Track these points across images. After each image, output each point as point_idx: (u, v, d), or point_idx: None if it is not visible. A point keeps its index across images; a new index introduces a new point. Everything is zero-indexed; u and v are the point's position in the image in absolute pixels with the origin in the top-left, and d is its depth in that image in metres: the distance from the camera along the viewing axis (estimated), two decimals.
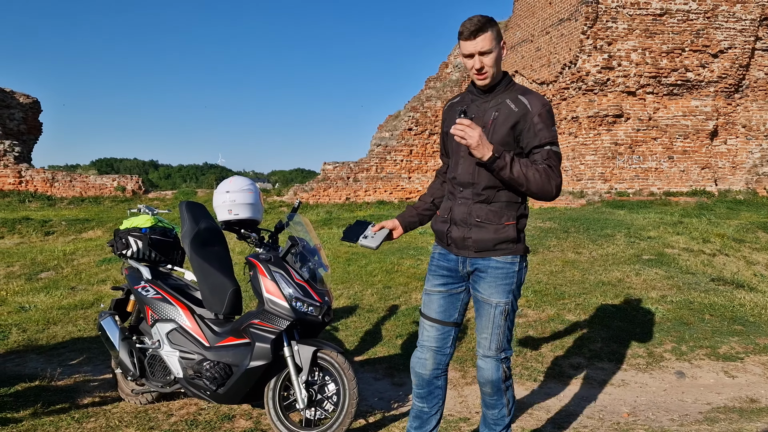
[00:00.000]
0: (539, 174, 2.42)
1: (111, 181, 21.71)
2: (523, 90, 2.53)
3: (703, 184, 16.04)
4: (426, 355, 2.70)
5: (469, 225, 2.56)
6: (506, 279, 2.54)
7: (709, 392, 4.06)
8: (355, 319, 5.64)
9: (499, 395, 2.63)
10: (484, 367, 2.60)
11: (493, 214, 2.52)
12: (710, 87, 15.85)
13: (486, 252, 2.54)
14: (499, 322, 2.55)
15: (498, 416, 2.68)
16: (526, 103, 2.47)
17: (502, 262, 2.54)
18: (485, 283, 2.56)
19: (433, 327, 2.69)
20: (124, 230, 3.88)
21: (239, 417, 3.54)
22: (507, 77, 2.58)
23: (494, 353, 2.58)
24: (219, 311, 3.46)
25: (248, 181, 3.43)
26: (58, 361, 4.70)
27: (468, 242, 2.56)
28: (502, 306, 2.55)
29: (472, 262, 2.58)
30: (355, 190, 19.72)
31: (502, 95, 2.53)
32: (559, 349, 4.77)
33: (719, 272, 7.63)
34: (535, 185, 2.43)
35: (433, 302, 2.69)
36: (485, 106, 2.54)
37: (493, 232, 2.52)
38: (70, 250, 11.19)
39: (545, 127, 2.45)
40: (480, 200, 2.54)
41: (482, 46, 2.43)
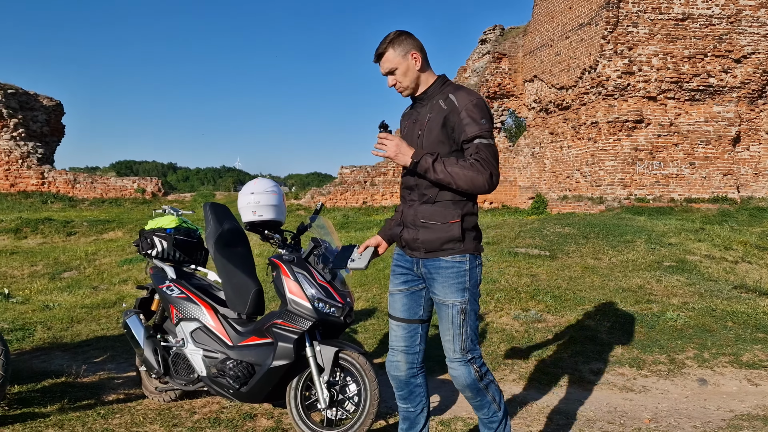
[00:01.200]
0: (466, 170, 2.45)
1: (131, 183, 21.99)
2: (454, 88, 2.60)
3: (725, 190, 15.85)
4: (398, 357, 2.75)
5: (416, 226, 2.61)
6: (457, 278, 2.56)
7: (731, 400, 4.02)
8: (373, 321, 5.66)
9: (481, 396, 2.63)
10: (455, 373, 2.61)
11: (438, 213, 2.56)
12: (733, 92, 15.68)
13: (434, 252, 2.58)
14: (458, 322, 2.57)
15: (489, 415, 2.67)
16: (453, 100, 2.54)
17: (450, 262, 2.56)
18: (438, 284, 2.59)
19: (400, 326, 2.74)
20: (150, 230, 3.94)
21: (261, 416, 3.58)
22: (440, 80, 2.66)
23: (459, 355, 2.59)
24: (242, 311, 3.50)
25: (272, 183, 3.48)
26: (83, 358, 4.78)
27: (417, 243, 2.61)
28: (458, 305, 2.56)
29: (424, 262, 2.62)
30: (372, 194, 19.77)
31: (436, 97, 2.61)
32: (579, 355, 4.74)
33: (742, 280, 7.54)
34: (462, 181, 2.46)
35: (397, 302, 2.74)
36: (423, 111, 2.64)
37: (438, 232, 2.55)
38: (92, 250, 11.37)
39: (472, 122, 2.48)
40: (424, 201, 2.59)
41: (386, 67, 2.63)
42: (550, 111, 18.45)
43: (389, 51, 2.60)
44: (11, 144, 20.50)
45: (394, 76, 2.63)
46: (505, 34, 20.77)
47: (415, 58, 2.60)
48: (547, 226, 10.76)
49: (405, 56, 2.59)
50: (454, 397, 4.00)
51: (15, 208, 18.60)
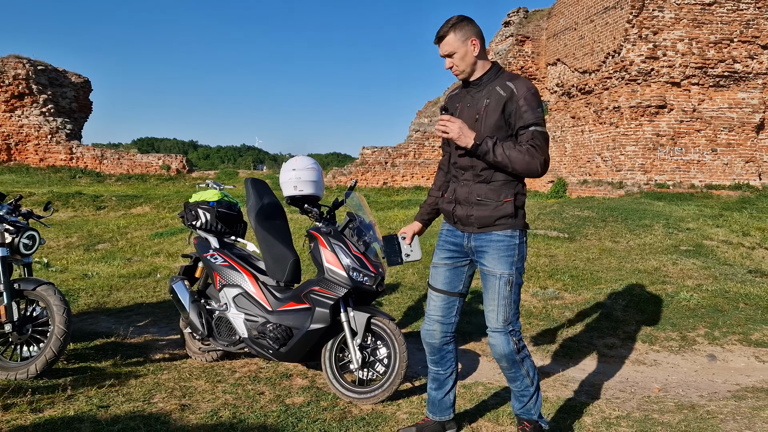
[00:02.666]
0: (522, 154, 2.63)
1: (156, 160, 22.43)
2: (510, 76, 2.76)
3: (746, 177, 15.82)
4: (434, 326, 2.96)
5: (471, 203, 2.78)
6: (507, 251, 2.74)
7: (739, 374, 4.24)
8: (398, 295, 5.94)
9: (516, 368, 2.78)
10: (495, 342, 2.77)
11: (492, 192, 2.75)
12: (758, 79, 15.57)
13: (487, 227, 2.75)
14: (505, 293, 2.73)
15: (522, 388, 2.83)
16: (512, 87, 2.69)
17: (502, 236, 2.74)
18: (489, 257, 2.77)
19: (439, 297, 2.94)
20: (194, 203, 4.23)
21: (296, 376, 3.88)
22: (495, 67, 2.82)
23: (502, 326, 2.74)
24: (281, 279, 3.79)
25: (312, 160, 3.74)
26: (127, 322, 5.12)
27: (471, 219, 2.78)
28: (506, 277, 2.73)
29: (476, 237, 2.79)
30: (393, 175, 19.99)
31: (492, 83, 2.76)
32: (595, 330, 4.98)
33: (757, 264, 7.68)
34: (519, 165, 2.63)
35: (440, 274, 2.93)
36: (478, 95, 2.78)
37: (492, 209, 2.74)
38: (123, 224, 11.78)
39: (530, 109, 2.64)
40: (479, 180, 2.77)
41: (445, 50, 2.77)
42: (573, 95, 18.45)
43: (450, 35, 2.74)
44: (41, 119, 21.00)
45: (452, 59, 2.77)
46: (529, 16, 20.71)
47: (474, 45, 2.73)
48: (567, 209, 10.94)
49: (465, 41, 2.73)
50: (475, 365, 4.27)
51: (45, 182, 19.13)
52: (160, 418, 3.09)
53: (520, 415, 2.89)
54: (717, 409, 3.40)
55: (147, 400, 3.36)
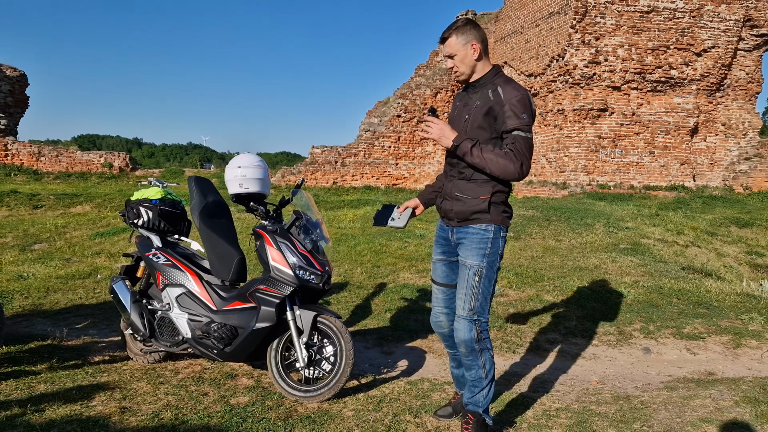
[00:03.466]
0: (499, 157, 2.75)
1: (98, 158, 21.73)
2: (504, 81, 2.86)
3: (681, 179, 16.53)
4: (439, 317, 3.15)
5: (452, 198, 2.95)
6: (480, 243, 2.88)
7: (671, 366, 4.43)
8: (345, 294, 5.95)
9: (474, 356, 2.91)
10: (458, 327, 2.91)
11: (471, 189, 2.89)
12: (693, 85, 16.29)
13: (465, 221, 2.91)
14: (472, 282, 2.86)
15: (475, 377, 2.94)
16: (500, 93, 2.81)
17: (477, 229, 2.89)
18: (464, 248, 2.92)
19: (440, 290, 3.12)
20: (136, 201, 4.12)
21: (241, 376, 3.84)
22: (493, 70, 2.92)
23: (467, 314, 2.88)
24: (226, 278, 3.75)
25: (258, 158, 3.71)
26: (65, 324, 4.94)
27: (451, 213, 2.95)
28: (475, 267, 2.87)
29: (457, 230, 2.95)
30: (343, 174, 19.97)
31: (487, 86, 2.88)
32: (537, 326, 5.12)
33: (690, 262, 8.05)
34: (494, 167, 2.76)
35: (437, 269, 3.12)
36: (474, 97, 2.91)
37: (468, 205, 2.89)
38: (62, 223, 11.35)
39: (513, 115, 2.76)
40: (461, 177, 2.93)
41: (447, 51, 2.90)
42: None
43: (452, 37, 2.87)
44: None
45: (452, 60, 2.90)
46: (477, 19, 21.04)
47: (474, 49, 2.85)
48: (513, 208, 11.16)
49: (465, 45, 2.85)
50: (422, 362, 4.32)
51: None
52: (98, 421, 3.01)
53: (467, 406, 3.00)
54: (650, 399, 3.55)
55: (85, 403, 3.26)
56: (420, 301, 5.73)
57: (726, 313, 5.51)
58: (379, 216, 3.22)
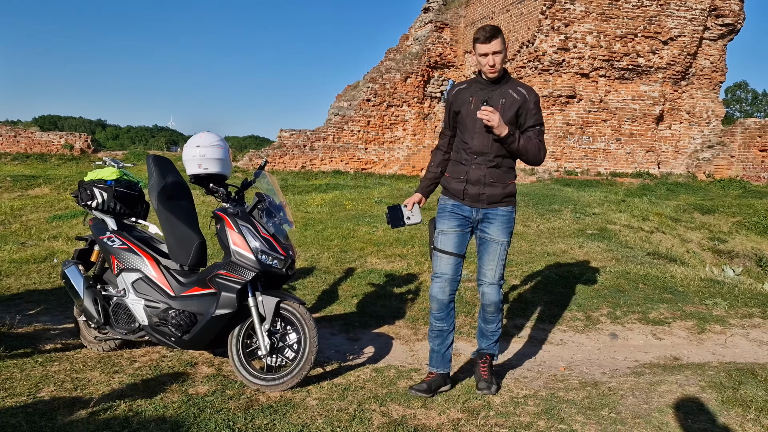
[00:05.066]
0: (534, 147, 3.30)
1: (58, 139, 21.07)
2: (521, 83, 3.37)
3: (647, 166, 16.76)
4: (444, 284, 3.42)
5: (483, 184, 3.36)
6: (508, 223, 3.42)
7: (638, 351, 4.44)
8: (312, 279, 5.82)
9: (498, 313, 3.48)
10: (490, 292, 3.42)
11: (501, 176, 3.37)
12: (659, 73, 16.47)
13: (495, 204, 3.38)
14: (503, 255, 3.41)
15: (495, 329, 3.53)
16: (525, 93, 3.31)
17: (505, 211, 3.40)
18: (494, 227, 3.39)
19: (450, 258, 3.42)
20: (89, 182, 3.92)
21: (201, 364, 3.70)
22: (507, 72, 3.36)
23: (497, 281, 3.41)
24: (185, 263, 3.59)
25: (218, 137, 3.54)
26: (16, 310, 4.73)
27: (482, 197, 3.37)
28: (505, 243, 3.41)
29: (484, 211, 3.40)
30: (312, 158, 19.72)
31: (506, 86, 3.33)
32: (504, 312, 5.07)
33: (655, 247, 8.12)
34: (531, 155, 3.32)
35: (451, 239, 3.43)
36: (495, 93, 3.31)
37: (501, 189, 3.37)
38: (18, 206, 10.94)
39: (538, 112, 3.33)
40: (491, 165, 3.35)
41: (495, 48, 3.22)
42: None
43: (499, 38, 3.23)
44: None
45: (495, 56, 3.23)
46: (448, 3, 20.88)
47: (507, 50, 3.24)
48: None
49: (505, 46, 3.28)
50: (388, 349, 4.24)
51: None
52: (46, 413, 2.84)
53: (484, 350, 3.55)
54: (618, 385, 3.53)
55: (32, 394, 3.09)
56: (387, 286, 5.64)
57: (690, 298, 5.55)
58: (393, 218, 3.50)
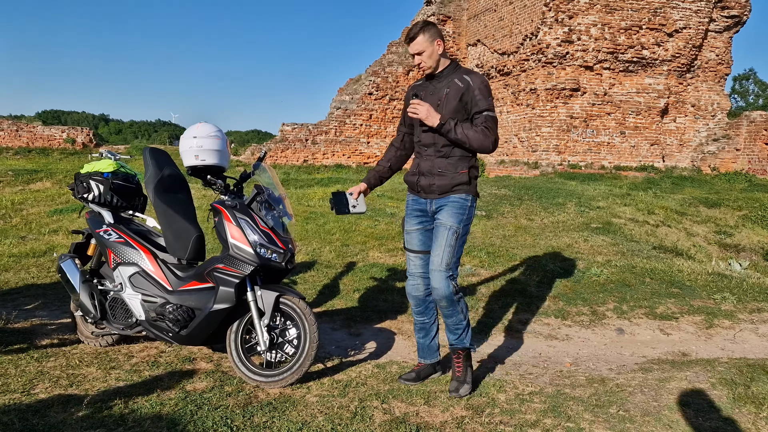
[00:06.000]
0: (477, 134, 3.14)
1: (60, 133, 21.01)
2: (466, 71, 3.27)
3: (651, 159, 16.62)
4: (416, 281, 3.39)
5: (433, 174, 3.27)
6: (460, 209, 3.23)
7: (645, 347, 4.35)
8: (313, 273, 5.75)
9: (453, 306, 3.24)
10: (437, 285, 3.18)
11: (451, 165, 3.25)
12: (664, 65, 16.31)
13: (446, 193, 3.26)
14: (451, 241, 3.19)
15: (456, 322, 3.30)
16: (468, 80, 3.20)
17: (457, 198, 3.25)
18: (444, 212, 3.24)
19: (417, 257, 3.38)
20: (86, 174, 3.85)
21: (200, 360, 3.62)
22: (453, 63, 3.30)
23: (444, 268, 3.17)
24: (182, 256, 3.51)
25: (216, 128, 3.45)
26: (13, 305, 4.66)
27: (433, 187, 3.28)
28: (454, 228, 3.20)
29: (437, 202, 3.28)
30: (314, 152, 19.63)
31: (451, 76, 3.26)
32: (509, 306, 4.99)
33: (661, 241, 8.03)
34: (474, 142, 3.15)
35: (414, 238, 3.38)
36: (440, 86, 3.27)
37: (450, 179, 3.24)
38: (19, 200, 10.89)
39: (483, 98, 3.17)
40: (440, 156, 3.26)
41: (415, 49, 3.22)
42: (492, 76, 18.69)
43: (420, 36, 3.19)
44: None
45: (421, 56, 3.22)
46: None
47: (438, 45, 3.22)
48: (485, 188, 11.05)
49: (432, 42, 3.21)
50: (391, 343, 4.16)
51: None
52: (39, 410, 2.77)
53: (454, 345, 3.35)
54: (625, 382, 3.44)
55: (27, 391, 3.02)
56: (390, 280, 5.56)
57: (698, 292, 5.46)
58: (337, 204, 3.39)
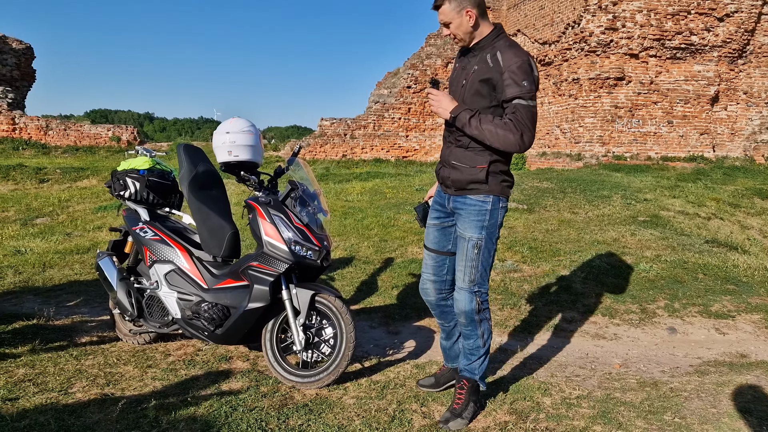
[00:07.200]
0: (500, 128, 2.58)
1: (106, 131, 21.49)
2: (504, 46, 2.66)
3: (701, 149, 16.00)
4: (426, 284, 3.06)
5: (449, 166, 2.84)
6: (479, 216, 2.77)
7: (699, 347, 4.12)
8: (351, 269, 5.66)
9: (473, 326, 2.85)
10: (458, 298, 2.84)
11: (467, 157, 2.76)
12: (714, 51, 15.65)
13: (462, 191, 2.80)
14: (471, 255, 2.78)
15: (473, 346, 2.89)
16: (500, 59, 2.62)
17: (474, 200, 2.77)
18: (461, 219, 2.82)
19: (430, 256, 3.02)
20: (122, 171, 3.85)
21: (236, 358, 3.58)
22: (494, 32, 2.72)
23: (467, 285, 2.81)
24: (217, 254, 3.46)
25: (249, 122, 3.38)
26: (56, 302, 4.71)
27: (449, 181, 2.84)
28: (474, 240, 2.77)
29: (453, 199, 2.85)
30: (352, 147, 19.59)
31: (486, 50, 2.70)
32: (554, 304, 4.81)
33: (713, 235, 7.67)
34: (494, 139, 2.61)
35: (430, 234, 3.02)
36: (473, 60, 2.75)
37: (466, 174, 2.76)
38: (65, 197, 11.15)
39: (513, 83, 2.58)
40: (458, 145, 2.79)
41: (441, 19, 2.74)
42: None
43: (446, 4, 2.69)
44: None
45: (448, 28, 2.74)
46: None
47: (470, 15, 2.66)
48: (526, 180, 10.80)
49: (460, 12, 2.67)
50: (429, 343, 4.04)
51: None
52: (75, 410, 2.76)
53: (462, 372, 2.94)
54: (680, 386, 3.24)
55: (64, 389, 3.01)
56: None
57: (756, 289, 5.16)
58: (423, 221, 3.12)
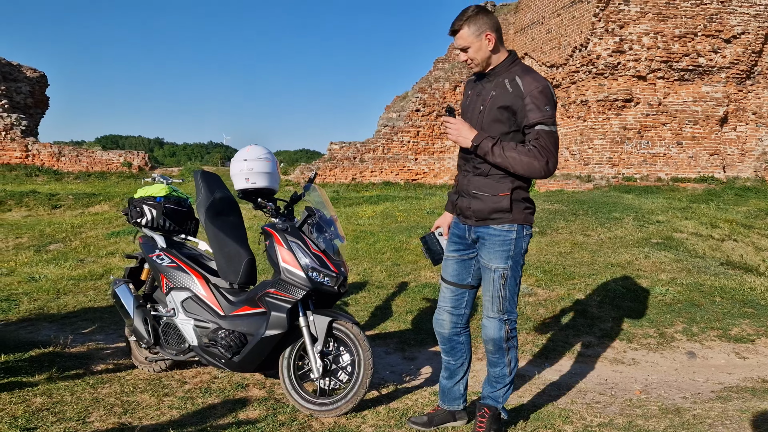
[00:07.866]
0: (524, 155, 2.56)
1: (117, 157, 21.70)
2: (522, 71, 2.65)
3: (711, 170, 15.95)
4: (443, 316, 2.95)
5: (469, 196, 2.76)
6: (503, 246, 2.70)
7: (720, 372, 4.06)
8: (365, 294, 5.65)
9: (501, 354, 2.80)
10: (488, 325, 2.79)
11: (489, 186, 2.70)
12: (722, 73, 15.69)
13: (484, 221, 2.73)
14: (499, 285, 2.73)
15: (499, 374, 2.84)
16: (519, 84, 2.60)
17: (498, 230, 2.71)
18: (485, 250, 2.75)
19: (448, 289, 2.93)
20: (139, 199, 3.87)
21: (252, 386, 3.56)
22: (509, 58, 2.70)
23: (496, 314, 2.76)
24: (234, 281, 3.47)
25: (266, 150, 3.41)
26: (71, 329, 4.72)
27: (469, 212, 2.77)
28: (500, 271, 2.72)
29: (475, 230, 2.77)
30: (362, 170, 19.67)
31: (502, 76, 2.67)
32: (570, 328, 4.77)
33: (728, 257, 7.61)
34: (519, 167, 2.57)
35: (449, 266, 2.92)
36: (489, 86, 2.71)
37: (488, 203, 2.69)
38: (78, 223, 11.22)
39: (535, 108, 2.55)
40: (477, 173, 2.73)
41: (460, 43, 2.70)
42: None
43: (464, 29, 2.65)
44: None
45: (466, 53, 2.69)
46: (497, 10, 20.58)
47: (489, 39, 2.65)
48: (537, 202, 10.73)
49: (479, 36, 2.64)
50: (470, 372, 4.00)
51: None
52: None
53: (484, 399, 2.90)
54: (704, 412, 3.19)
55: (82, 419, 3.00)
56: None
57: None
58: (431, 253, 3.06)
